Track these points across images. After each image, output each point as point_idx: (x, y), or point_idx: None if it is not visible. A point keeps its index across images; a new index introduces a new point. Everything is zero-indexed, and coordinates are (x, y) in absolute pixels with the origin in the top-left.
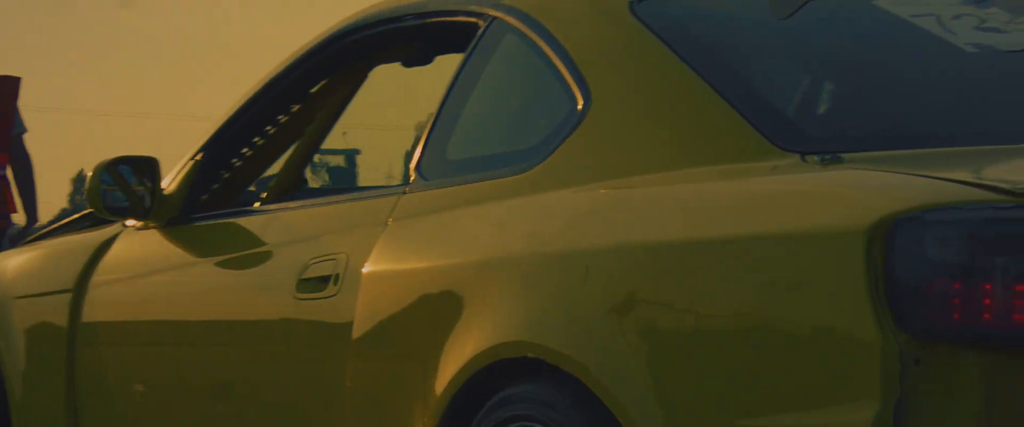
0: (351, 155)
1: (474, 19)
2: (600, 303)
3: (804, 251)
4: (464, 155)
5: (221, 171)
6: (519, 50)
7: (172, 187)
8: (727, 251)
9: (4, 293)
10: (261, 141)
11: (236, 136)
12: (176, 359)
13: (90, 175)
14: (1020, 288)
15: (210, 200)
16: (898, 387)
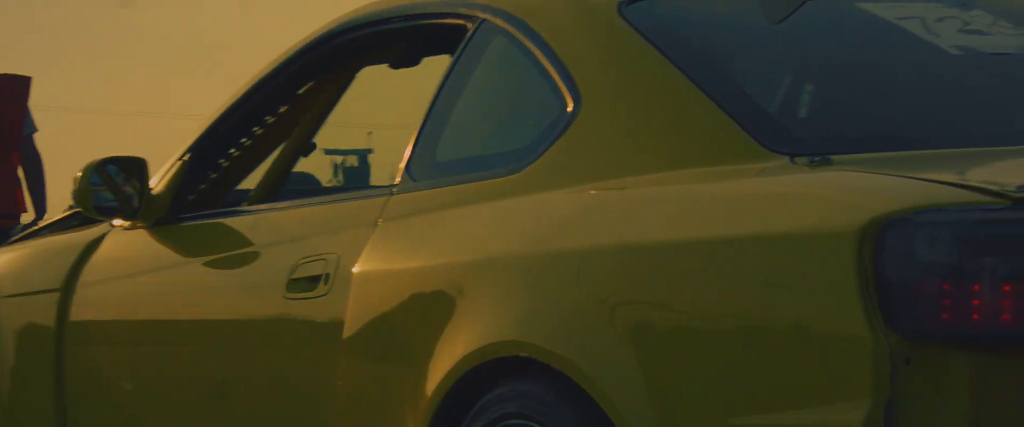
0: (364, 155)
1: (463, 21)
2: (590, 303)
3: (794, 252)
4: (453, 156)
5: (209, 171)
6: (508, 52)
7: (160, 187)
8: (717, 252)
9: None
10: (249, 142)
11: (224, 136)
12: (165, 359)
13: (79, 175)
14: (1009, 289)
15: (198, 200)
16: (888, 387)
